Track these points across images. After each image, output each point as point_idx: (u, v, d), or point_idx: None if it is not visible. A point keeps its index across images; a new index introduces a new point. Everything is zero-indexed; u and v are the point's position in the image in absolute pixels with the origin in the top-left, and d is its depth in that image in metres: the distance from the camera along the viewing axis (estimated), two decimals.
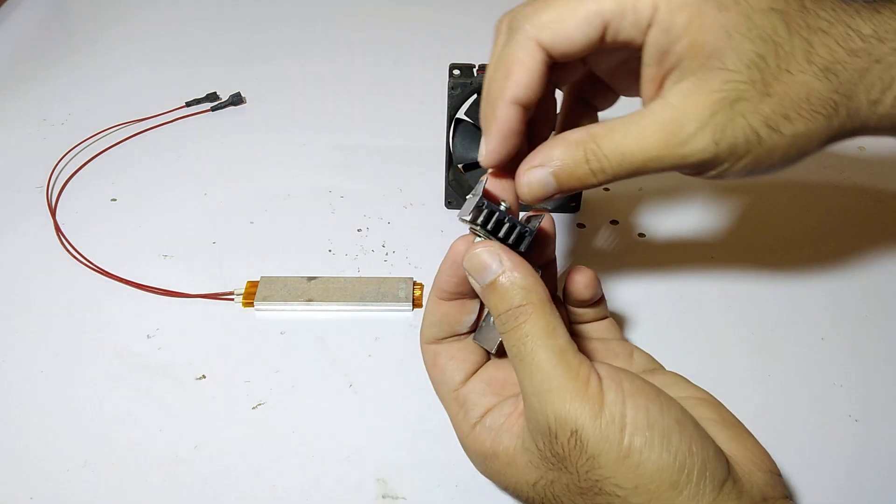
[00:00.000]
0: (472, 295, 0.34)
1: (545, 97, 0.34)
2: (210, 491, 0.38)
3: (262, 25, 0.80)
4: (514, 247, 0.32)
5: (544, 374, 0.29)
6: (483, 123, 0.32)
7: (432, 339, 0.35)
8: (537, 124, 0.34)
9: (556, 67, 0.32)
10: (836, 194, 0.58)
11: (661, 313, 0.48)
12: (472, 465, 0.39)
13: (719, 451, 0.30)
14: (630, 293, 0.49)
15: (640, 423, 0.28)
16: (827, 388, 0.43)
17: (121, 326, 0.46)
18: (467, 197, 0.33)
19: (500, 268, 0.31)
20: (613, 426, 0.28)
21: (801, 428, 0.41)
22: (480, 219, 0.31)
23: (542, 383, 0.29)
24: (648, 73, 0.31)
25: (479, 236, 0.33)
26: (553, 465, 0.29)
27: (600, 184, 0.31)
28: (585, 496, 0.29)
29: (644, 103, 0.32)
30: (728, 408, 0.35)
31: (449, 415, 0.35)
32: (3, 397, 0.42)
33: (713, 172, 0.32)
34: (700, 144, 0.30)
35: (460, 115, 0.51)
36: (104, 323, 0.46)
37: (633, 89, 0.35)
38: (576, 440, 0.28)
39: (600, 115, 0.38)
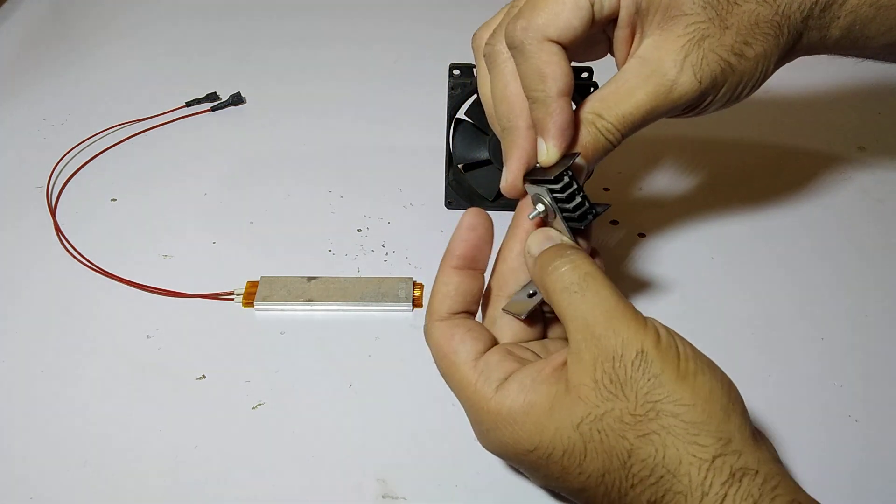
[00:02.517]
0: (482, 268, 0.35)
1: None
2: (210, 491, 0.38)
3: (262, 25, 0.80)
4: (576, 221, 0.35)
5: (611, 303, 0.31)
6: (542, 123, 0.35)
7: (445, 315, 0.34)
8: None
9: None
10: (837, 194, 0.58)
11: (661, 313, 0.48)
12: (471, 466, 0.39)
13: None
14: (630, 293, 0.49)
15: (690, 353, 0.30)
16: (827, 388, 0.43)
17: (121, 326, 0.46)
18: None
19: (559, 237, 0.35)
20: (671, 351, 0.30)
21: (801, 428, 0.41)
22: (560, 185, 0.34)
23: (607, 311, 0.31)
24: (621, 35, 0.36)
25: (542, 202, 0.35)
26: (610, 392, 0.30)
27: (619, 143, 0.36)
28: (638, 426, 0.29)
29: (618, 63, 0.37)
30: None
31: (463, 388, 0.33)
32: (3, 397, 0.42)
33: (699, 108, 0.36)
34: (686, 86, 0.34)
35: (460, 115, 0.51)
36: (104, 323, 0.46)
37: (579, 57, 0.39)
38: (641, 360, 0.29)
39: None
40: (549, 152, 0.35)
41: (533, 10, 0.34)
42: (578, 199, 0.34)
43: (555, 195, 0.34)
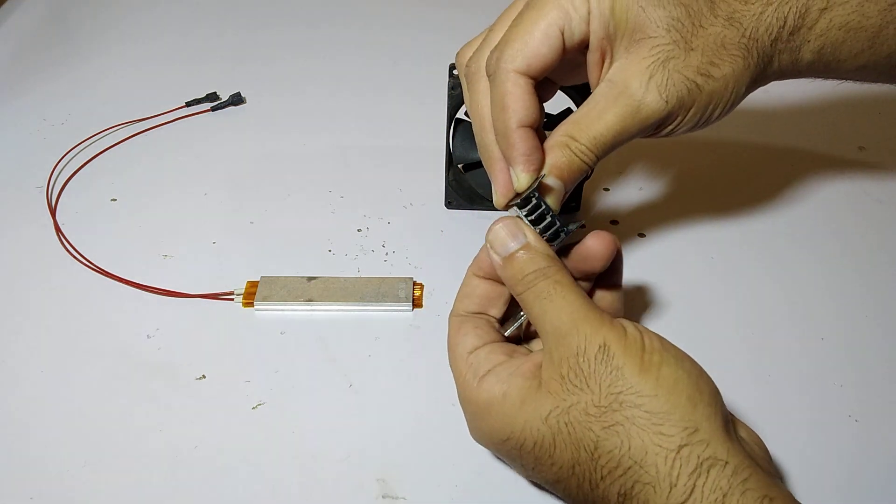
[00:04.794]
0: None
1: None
2: (210, 491, 0.38)
3: (262, 25, 0.80)
4: (549, 240, 0.35)
5: (576, 307, 0.32)
6: (505, 153, 0.36)
7: (462, 312, 0.37)
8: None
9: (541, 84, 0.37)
10: (836, 195, 0.58)
11: (662, 313, 0.48)
12: (471, 466, 0.39)
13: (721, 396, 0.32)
14: (630, 293, 0.49)
15: (656, 346, 0.31)
16: (827, 388, 0.43)
17: (121, 326, 0.46)
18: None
19: (525, 239, 0.34)
20: (635, 345, 0.31)
21: (801, 428, 0.41)
22: (527, 208, 0.35)
23: (572, 313, 0.32)
24: (592, 59, 0.37)
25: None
26: (575, 386, 0.31)
27: (595, 164, 0.37)
28: (603, 417, 0.30)
29: (591, 87, 0.38)
30: (727, 408, 0.35)
31: (457, 376, 0.35)
32: (3, 397, 0.42)
33: (669, 128, 0.37)
34: (652, 105, 0.35)
35: (460, 115, 0.51)
36: (104, 323, 0.46)
37: (568, 79, 0.41)
38: (604, 353, 0.31)
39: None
40: (518, 179, 0.36)
41: (505, 42, 0.36)
42: (548, 220, 0.35)
43: (527, 217, 0.35)
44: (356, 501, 0.38)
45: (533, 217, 0.35)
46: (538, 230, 0.35)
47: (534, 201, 0.35)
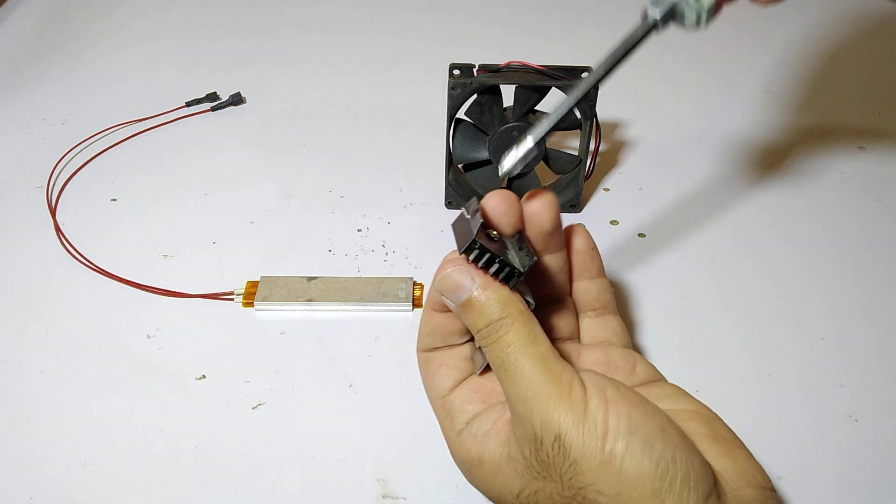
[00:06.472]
0: None
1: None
2: (210, 491, 0.38)
3: (262, 25, 0.80)
4: (503, 282, 0.32)
5: (528, 381, 0.29)
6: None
7: (426, 349, 0.36)
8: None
9: None
10: (836, 194, 0.58)
11: (661, 313, 0.48)
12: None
13: (705, 463, 0.29)
14: (630, 293, 0.49)
15: (622, 429, 0.28)
16: (827, 388, 0.43)
17: (121, 326, 0.46)
18: (464, 214, 0.33)
19: (473, 285, 0.31)
20: (595, 431, 0.28)
21: (800, 428, 0.41)
22: (472, 256, 0.31)
23: (526, 390, 0.29)
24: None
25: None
26: (538, 473, 0.29)
27: None
28: None
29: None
30: (726, 415, 0.34)
31: (438, 421, 0.35)
32: (3, 397, 0.42)
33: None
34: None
35: (460, 115, 0.51)
36: (104, 323, 0.46)
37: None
38: (559, 446, 0.28)
39: None
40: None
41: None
42: (496, 266, 0.31)
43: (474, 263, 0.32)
44: (356, 501, 0.38)
45: (480, 264, 0.31)
46: (490, 273, 0.31)
47: (476, 251, 0.31)
